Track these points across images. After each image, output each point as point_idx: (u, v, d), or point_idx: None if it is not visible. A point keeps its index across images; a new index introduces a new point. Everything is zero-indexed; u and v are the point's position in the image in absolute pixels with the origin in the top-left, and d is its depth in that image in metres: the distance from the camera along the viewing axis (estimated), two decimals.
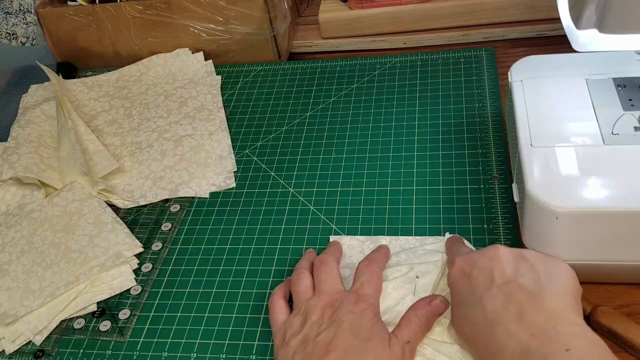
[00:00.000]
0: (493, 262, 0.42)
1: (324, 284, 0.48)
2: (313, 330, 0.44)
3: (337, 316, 0.45)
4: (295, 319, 0.47)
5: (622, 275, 0.48)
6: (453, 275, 0.44)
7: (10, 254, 0.60)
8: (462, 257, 0.44)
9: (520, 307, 0.39)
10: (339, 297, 0.46)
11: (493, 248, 0.43)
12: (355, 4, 0.78)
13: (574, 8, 0.47)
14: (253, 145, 0.69)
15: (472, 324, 0.41)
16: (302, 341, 0.44)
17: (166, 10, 0.77)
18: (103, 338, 0.53)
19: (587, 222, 0.44)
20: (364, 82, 0.74)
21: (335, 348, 0.42)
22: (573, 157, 0.46)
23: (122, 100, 0.78)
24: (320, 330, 0.44)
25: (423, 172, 0.61)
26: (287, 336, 0.45)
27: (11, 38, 0.99)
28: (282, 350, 0.45)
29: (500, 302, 0.39)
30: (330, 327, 0.44)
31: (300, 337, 0.44)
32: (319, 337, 0.43)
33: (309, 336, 0.44)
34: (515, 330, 0.38)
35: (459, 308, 0.43)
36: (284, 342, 0.45)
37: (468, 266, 0.43)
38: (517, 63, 0.56)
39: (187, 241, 0.60)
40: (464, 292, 0.42)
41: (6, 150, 0.68)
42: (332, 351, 0.42)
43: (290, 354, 0.44)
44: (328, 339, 0.43)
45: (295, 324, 0.46)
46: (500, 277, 0.41)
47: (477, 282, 0.42)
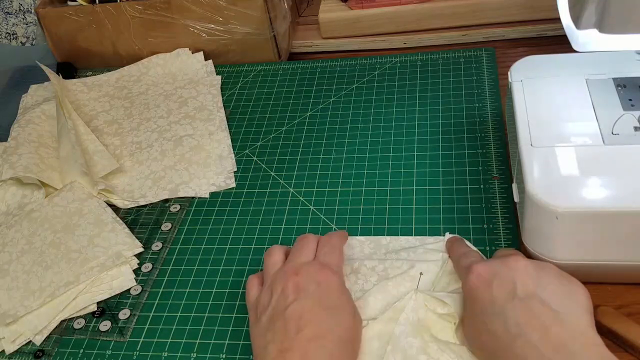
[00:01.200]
0: (514, 273, 0.42)
1: (294, 255, 0.48)
2: (280, 304, 0.44)
3: (302, 285, 0.44)
4: (263, 294, 0.46)
5: (622, 275, 0.48)
6: (472, 282, 0.43)
7: (10, 254, 0.60)
8: (481, 265, 0.44)
9: (543, 322, 0.39)
10: (302, 267, 0.46)
11: (513, 259, 0.43)
12: (355, 4, 0.78)
13: (574, 8, 0.47)
14: (253, 145, 0.69)
15: (492, 334, 0.40)
16: (271, 317, 0.44)
17: (166, 10, 0.77)
18: (103, 338, 0.53)
19: (587, 222, 0.44)
20: (364, 82, 0.74)
21: (308, 323, 0.42)
22: (573, 157, 0.46)
23: (122, 100, 0.78)
24: (287, 302, 0.43)
25: (423, 172, 0.61)
26: (258, 313, 0.45)
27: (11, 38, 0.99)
28: (256, 328, 0.45)
29: (524, 316, 0.39)
30: (298, 299, 0.43)
31: (269, 312, 0.44)
32: (288, 310, 0.43)
33: (277, 310, 0.44)
34: (538, 344, 0.38)
35: (477, 316, 0.42)
36: (256, 320, 0.45)
37: (488, 275, 0.43)
38: (517, 63, 0.56)
39: (187, 241, 0.60)
40: (484, 300, 0.42)
41: (6, 150, 0.68)
42: (305, 326, 0.42)
43: (262, 332, 0.43)
44: (298, 313, 0.43)
45: (264, 300, 0.46)
46: (522, 289, 0.41)
47: (498, 292, 0.41)
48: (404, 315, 0.46)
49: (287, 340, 0.42)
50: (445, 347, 0.44)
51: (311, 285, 0.44)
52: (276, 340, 0.42)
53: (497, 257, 0.45)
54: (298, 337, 0.41)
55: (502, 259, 0.44)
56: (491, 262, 0.44)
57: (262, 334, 0.44)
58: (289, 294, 0.44)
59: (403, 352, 0.44)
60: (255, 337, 0.45)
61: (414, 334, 0.45)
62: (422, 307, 0.47)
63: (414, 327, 0.46)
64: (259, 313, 0.45)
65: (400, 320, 0.46)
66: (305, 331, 0.42)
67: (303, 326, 0.42)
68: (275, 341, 0.42)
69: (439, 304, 0.47)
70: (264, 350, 0.42)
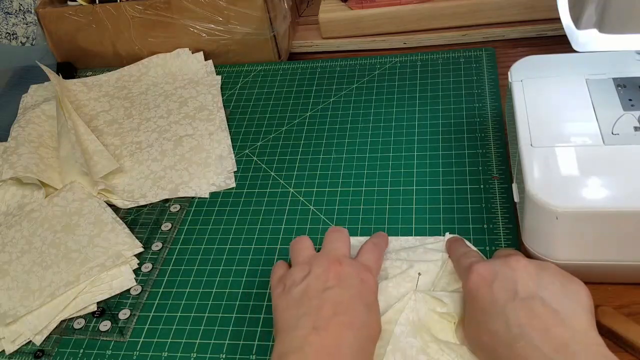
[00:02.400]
0: (515, 273, 0.42)
1: (333, 243, 0.49)
2: (318, 285, 0.44)
3: (345, 277, 0.45)
4: (297, 269, 0.47)
5: (622, 275, 0.48)
6: (473, 282, 0.43)
7: (10, 254, 0.60)
8: (482, 265, 0.44)
9: (544, 323, 0.39)
10: (344, 259, 0.47)
11: (514, 259, 0.43)
12: (355, 4, 0.78)
13: (574, 8, 0.47)
14: (253, 145, 0.69)
15: (493, 334, 0.40)
16: (305, 293, 0.44)
17: (166, 10, 0.77)
18: (103, 338, 0.53)
19: (587, 222, 0.44)
20: (364, 82, 0.74)
21: (346, 311, 0.42)
22: (573, 157, 0.46)
23: (122, 100, 0.78)
24: (327, 286, 0.44)
25: (423, 172, 0.61)
26: (287, 285, 0.45)
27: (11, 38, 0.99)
28: (284, 299, 0.45)
29: (525, 316, 0.40)
30: (340, 287, 0.44)
31: (301, 287, 0.44)
32: (326, 293, 0.43)
33: (314, 289, 0.44)
34: (539, 344, 0.38)
35: (478, 316, 0.42)
36: (284, 291, 0.45)
37: (489, 275, 0.43)
38: (517, 63, 0.56)
39: (187, 241, 0.60)
40: (485, 301, 0.42)
41: (6, 150, 0.68)
42: (342, 313, 0.42)
43: (293, 304, 0.44)
44: (336, 299, 0.43)
45: (297, 275, 0.46)
46: (523, 289, 0.41)
47: (499, 292, 0.41)
48: (404, 315, 0.46)
49: (322, 320, 0.42)
50: (445, 347, 0.44)
51: (354, 279, 0.45)
52: (310, 316, 0.42)
53: (498, 257, 0.45)
54: (334, 320, 0.42)
55: (502, 259, 0.44)
56: (492, 262, 0.44)
57: (293, 305, 0.44)
58: (329, 279, 0.44)
59: (403, 352, 0.44)
60: (282, 307, 0.45)
61: (414, 334, 0.45)
62: (422, 307, 0.47)
63: (414, 327, 0.46)
64: (288, 286, 0.45)
65: (400, 320, 0.46)
66: (342, 317, 0.42)
67: (340, 312, 0.42)
68: (309, 316, 0.42)
69: (438, 303, 0.47)
70: (296, 321, 0.42)
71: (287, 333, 0.42)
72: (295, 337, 0.42)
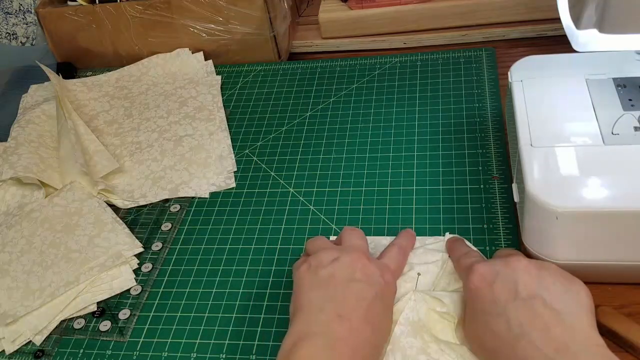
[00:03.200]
0: (516, 273, 0.42)
1: (352, 240, 0.49)
2: (345, 273, 0.44)
3: (370, 274, 0.45)
4: (324, 252, 0.47)
5: (622, 275, 0.48)
6: (474, 282, 0.43)
7: (10, 254, 0.60)
8: (483, 265, 0.44)
9: (545, 322, 0.39)
10: (371, 257, 0.47)
11: (515, 259, 0.43)
12: (355, 4, 0.78)
13: (574, 8, 0.47)
14: (253, 145, 0.69)
15: (494, 334, 0.40)
16: (331, 276, 0.44)
17: (166, 10, 0.77)
18: (103, 338, 0.53)
19: (587, 222, 0.44)
20: (364, 82, 0.74)
21: (367, 308, 0.43)
22: (573, 157, 0.46)
23: (122, 100, 0.78)
24: (354, 278, 0.44)
25: (423, 172, 0.61)
26: (312, 265, 0.46)
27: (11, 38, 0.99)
28: (309, 277, 0.45)
29: (526, 316, 0.40)
30: (366, 283, 0.44)
31: (330, 270, 0.45)
32: (353, 285, 0.44)
33: (340, 276, 0.44)
34: (540, 344, 0.38)
35: (479, 316, 0.42)
36: (310, 270, 0.46)
37: (490, 275, 0.43)
38: (517, 63, 0.56)
39: (187, 241, 0.60)
40: (486, 301, 0.42)
41: (6, 150, 0.68)
42: (364, 309, 0.43)
43: (319, 285, 0.44)
44: (361, 294, 0.43)
45: (325, 257, 0.46)
46: (524, 289, 0.41)
47: (500, 292, 0.42)
48: (403, 315, 0.46)
49: (347, 310, 0.42)
50: (445, 347, 0.44)
51: (378, 278, 0.45)
52: (336, 303, 0.43)
53: (498, 257, 0.45)
54: (357, 314, 0.42)
55: (503, 259, 0.44)
56: (492, 262, 0.44)
57: (319, 286, 0.44)
58: (357, 271, 0.45)
59: (403, 352, 0.44)
60: (308, 286, 0.45)
61: (414, 334, 0.45)
62: (422, 307, 0.47)
63: (414, 327, 0.46)
64: (314, 266, 0.46)
65: (400, 320, 0.46)
66: (364, 313, 0.42)
67: (363, 308, 0.43)
68: (335, 303, 0.43)
69: (438, 303, 0.47)
70: (322, 303, 0.43)
71: (310, 313, 0.43)
72: (319, 320, 0.42)
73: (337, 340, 0.41)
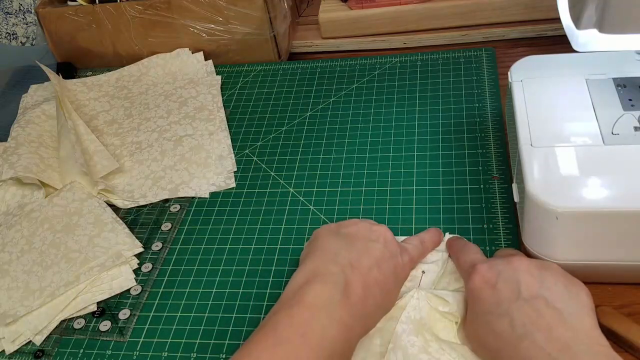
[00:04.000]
0: (518, 274, 0.42)
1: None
2: (366, 232, 0.46)
3: (388, 242, 0.46)
4: (346, 221, 0.48)
5: (622, 275, 0.48)
6: (476, 283, 0.43)
7: (10, 254, 0.60)
8: (484, 266, 0.44)
9: (548, 323, 0.39)
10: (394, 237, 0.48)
11: (517, 259, 0.43)
12: (355, 4, 0.78)
13: (574, 8, 0.47)
14: (253, 145, 0.69)
15: (497, 334, 0.40)
16: (352, 234, 0.46)
17: (166, 10, 0.77)
18: (103, 338, 0.53)
19: (587, 222, 0.44)
20: (364, 82, 0.74)
21: (380, 270, 0.44)
22: (573, 157, 0.46)
23: (122, 100, 0.78)
24: (373, 238, 0.46)
25: (423, 172, 0.61)
26: (334, 224, 0.48)
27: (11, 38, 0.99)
28: (328, 230, 0.47)
29: (529, 316, 0.40)
30: (384, 247, 0.45)
31: (351, 229, 0.46)
32: (372, 244, 0.45)
33: (361, 234, 0.46)
34: (543, 344, 0.38)
35: (481, 317, 0.42)
36: (331, 227, 0.48)
37: (492, 275, 0.43)
38: (517, 63, 0.56)
39: (187, 241, 0.60)
40: (489, 301, 0.42)
41: (6, 150, 0.68)
42: (377, 270, 0.44)
43: (333, 235, 0.46)
44: (378, 255, 0.45)
45: (345, 223, 0.48)
46: (527, 290, 0.41)
47: (502, 293, 0.42)
48: (405, 313, 0.46)
49: (361, 264, 0.43)
50: (446, 346, 0.44)
51: (395, 249, 0.46)
52: (351, 253, 0.44)
53: (500, 257, 0.45)
54: (370, 272, 0.43)
55: (505, 259, 0.44)
56: (494, 262, 0.44)
57: (337, 237, 0.46)
58: (377, 236, 0.46)
59: (404, 351, 0.44)
60: (325, 235, 0.47)
61: (416, 332, 0.45)
62: (425, 306, 0.47)
63: (415, 325, 0.46)
64: (336, 225, 0.48)
65: (402, 319, 0.46)
66: (376, 274, 0.44)
67: (376, 268, 0.44)
68: (350, 253, 0.44)
69: (440, 302, 0.47)
70: (338, 249, 0.44)
71: (325, 256, 0.44)
72: (334, 262, 0.43)
73: (349, 285, 0.41)
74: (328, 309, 0.40)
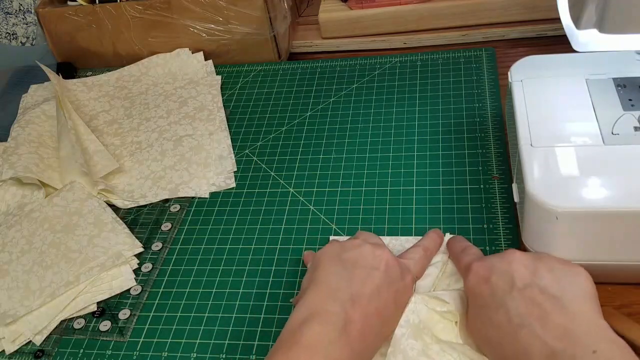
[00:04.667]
0: (512, 266, 0.42)
1: (370, 238, 0.49)
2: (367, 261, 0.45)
3: (390, 267, 0.45)
4: (350, 240, 0.48)
5: (622, 275, 0.48)
6: (471, 281, 0.44)
7: (10, 254, 0.60)
8: (479, 263, 0.44)
9: (544, 310, 0.39)
10: (396, 257, 0.47)
11: (509, 253, 0.44)
12: (355, 4, 0.78)
13: (574, 8, 0.47)
14: (253, 145, 0.69)
15: (496, 327, 0.41)
16: (353, 260, 0.45)
17: (166, 10, 0.77)
18: (103, 338, 0.53)
19: (587, 222, 0.44)
20: (364, 82, 0.74)
21: (380, 299, 0.43)
22: (573, 157, 0.46)
23: (122, 100, 0.78)
24: (375, 266, 0.45)
25: (423, 172, 0.61)
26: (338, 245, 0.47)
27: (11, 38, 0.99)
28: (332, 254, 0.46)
29: (524, 305, 0.40)
30: (385, 274, 0.44)
31: (353, 254, 0.45)
32: (373, 272, 0.44)
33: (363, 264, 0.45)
34: (540, 332, 0.38)
35: (480, 312, 0.43)
36: (334, 248, 0.46)
37: (486, 272, 0.43)
38: (517, 63, 0.56)
39: (187, 241, 0.60)
40: (484, 296, 0.42)
41: (6, 150, 0.68)
42: (377, 299, 0.43)
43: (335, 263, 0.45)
44: (379, 283, 0.44)
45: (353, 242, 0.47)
46: (520, 280, 0.41)
47: (497, 286, 0.42)
48: (404, 317, 0.46)
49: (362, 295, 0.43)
50: (447, 347, 0.44)
51: (397, 274, 0.45)
52: (352, 285, 0.43)
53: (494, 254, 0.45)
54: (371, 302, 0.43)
55: (498, 254, 0.45)
56: (488, 258, 0.45)
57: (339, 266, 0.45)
58: (381, 263, 0.45)
59: (404, 354, 0.44)
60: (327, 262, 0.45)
61: (415, 336, 0.45)
62: (423, 309, 0.47)
63: (414, 329, 0.45)
64: (340, 246, 0.47)
65: (400, 323, 0.46)
66: (376, 304, 0.43)
67: (378, 299, 0.43)
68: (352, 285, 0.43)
69: (438, 303, 0.46)
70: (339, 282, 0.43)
71: (325, 290, 0.43)
72: (333, 298, 0.42)
73: (348, 322, 0.41)
74: (326, 349, 0.39)
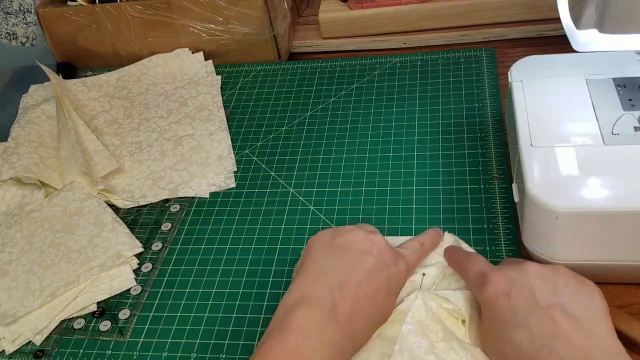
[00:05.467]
0: (531, 280, 0.42)
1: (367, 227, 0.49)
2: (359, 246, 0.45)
3: (382, 252, 0.45)
4: (343, 227, 0.48)
5: (622, 275, 0.48)
6: (490, 293, 0.43)
7: (10, 254, 0.60)
8: (497, 274, 0.43)
9: (567, 332, 0.39)
10: (390, 245, 0.47)
11: (528, 265, 0.43)
12: (355, 4, 0.78)
13: (574, 8, 0.47)
14: (253, 145, 0.69)
15: (515, 346, 0.40)
16: (345, 246, 0.45)
17: (166, 10, 0.77)
18: (103, 338, 0.53)
19: (587, 222, 0.44)
20: (364, 82, 0.74)
21: (370, 283, 0.43)
22: (573, 157, 0.46)
23: (122, 100, 0.78)
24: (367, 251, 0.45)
25: (423, 172, 0.61)
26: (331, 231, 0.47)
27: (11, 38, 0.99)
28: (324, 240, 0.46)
29: (547, 326, 0.39)
30: (377, 258, 0.45)
31: (345, 239, 0.46)
32: (365, 257, 0.44)
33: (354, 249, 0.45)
34: (564, 354, 0.38)
35: (498, 327, 0.42)
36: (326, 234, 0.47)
37: (506, 284, 0.42)
38: (517, 63, 0.56)
39: (187, 241, 0.60)
40: (504, 311, 0.41)
41: (6, 150, 0.68)
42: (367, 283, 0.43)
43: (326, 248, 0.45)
44: (370, 267, 0.44)
45: (346, 227, 0.47)
46: (542, 297, 0.41)
47: (518, 302, 0.41)
48: (410, 314, 0.46)
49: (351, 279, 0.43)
50: (457, 345, 0.44)
51: (389, 259, 0.45)
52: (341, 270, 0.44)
53: (509, 264, 0.45)
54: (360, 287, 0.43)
55: (515, 265, 0.44)
56: (505, 269, 0.44)
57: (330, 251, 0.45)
58: (373, 248, 0.45)
59: (411, 352, 0.44)
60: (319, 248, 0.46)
61: (422, 333, 0.45)
62: (430, 304, 0.46)
63: (421, 326, 0.45)
64: (333, 232, 0.47)
65: (407, 319, 0.45)
66: (366, 288, 0.43)
67: (366, 281, 0.43)
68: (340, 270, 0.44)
69: (444, 301, 0.46)
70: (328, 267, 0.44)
71: (314, 276, 0.44)
72: (322, 283, 0.43)
73: (336, 306, 0.41)
74: (318, 332, 0.40)
